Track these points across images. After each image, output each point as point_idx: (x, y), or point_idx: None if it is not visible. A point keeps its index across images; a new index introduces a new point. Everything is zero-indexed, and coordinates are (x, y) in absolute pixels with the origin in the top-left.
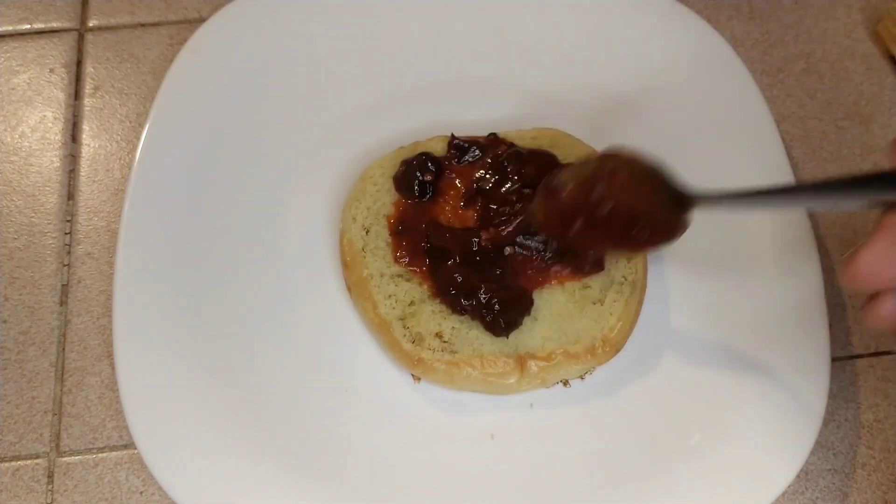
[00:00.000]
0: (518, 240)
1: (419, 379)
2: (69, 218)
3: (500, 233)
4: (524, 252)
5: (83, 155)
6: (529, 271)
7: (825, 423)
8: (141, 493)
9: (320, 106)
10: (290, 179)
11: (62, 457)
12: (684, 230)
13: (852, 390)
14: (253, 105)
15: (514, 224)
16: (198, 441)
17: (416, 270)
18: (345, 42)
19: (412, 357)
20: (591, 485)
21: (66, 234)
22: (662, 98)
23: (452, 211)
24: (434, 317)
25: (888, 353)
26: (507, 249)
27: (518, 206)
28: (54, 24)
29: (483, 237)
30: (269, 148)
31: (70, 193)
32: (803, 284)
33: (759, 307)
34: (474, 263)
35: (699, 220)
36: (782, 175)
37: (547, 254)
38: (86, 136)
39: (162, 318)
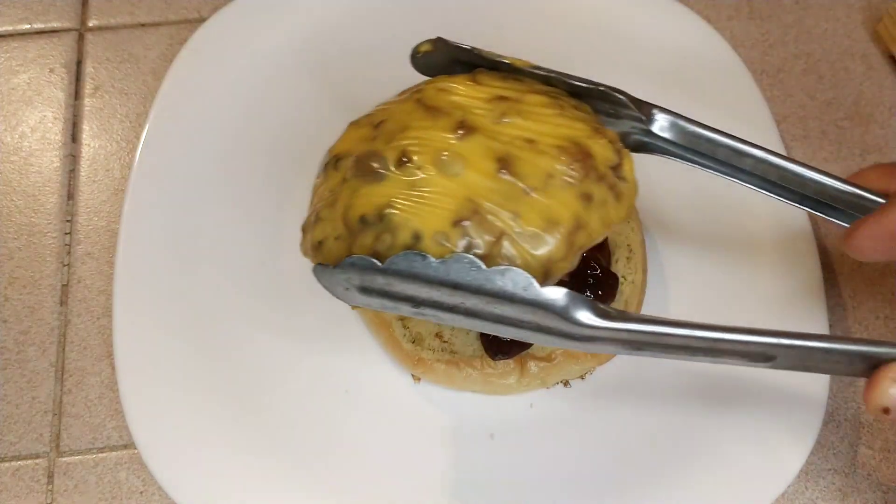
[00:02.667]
0: None
1: (419, 379)
2: (69, 218)
3: None
4: None
5: (83, 155)
6: None
7: (825, 423)
8: (141, 493)
9: (321, 105)
10: (290, 179)
11: (62, 457)
12: None
13: (852, 390)
14: (253, 105)
15: None
16: (198, 441)
17: None
18: (346, 42)
19: (412, 357)
20: (591, 485)
21: (66, 234)
22: (662, 98)
23: None
24: None
25: None
26: None
27: None
28: (54, 24)
29: None
30: (269, 147)
31: (70, 193)
32: (803, 284)
33: (760, 308)
34: None
35: (699, 221)
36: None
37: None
38: (86, 136)
39: (162, 319)
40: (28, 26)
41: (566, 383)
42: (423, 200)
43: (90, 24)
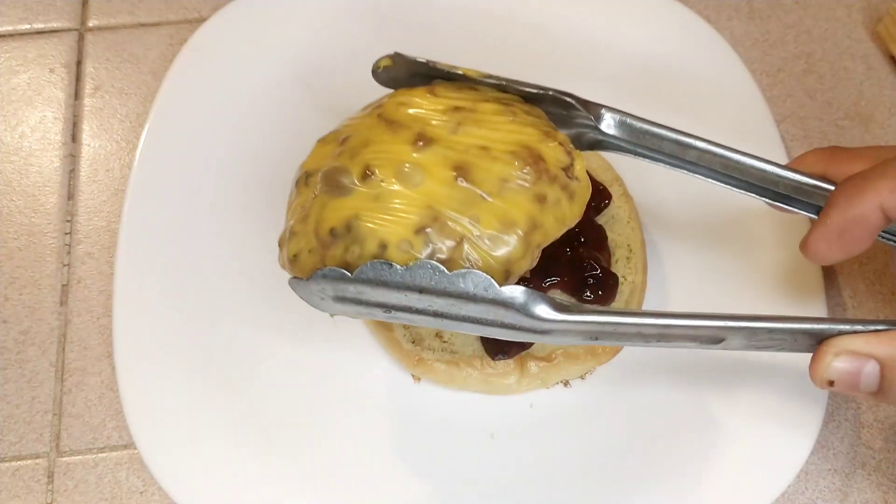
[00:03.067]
0: None
1: (419, 379)
2: (69, 218)
3: None
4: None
5: (83, 155)
6: None
7: (825, 423)
8: (141, 493)
9: (321, 105)
10: (290, 180)
11: (62, 457)
12: None
13: None
14: (253, 105)
15: None
16: (198, 441)
17: None
18: (346, 42)
19: (412, 357)
20: (591, 485)
21: (66, 234)
22: (661, 98)
23: None
24: None
25: None
26: None
27: None
28: (54, 24)
29: None
30: (269, 148)
31: (70, 193)
32: (803, 285)
33: (760, 308)
34: None
35: (699, 222)
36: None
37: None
38: (86, 136)
39: (162, 319)
40: (28, 26)
41: (566, 383)
42: (387, 211)
43: (90, 24)
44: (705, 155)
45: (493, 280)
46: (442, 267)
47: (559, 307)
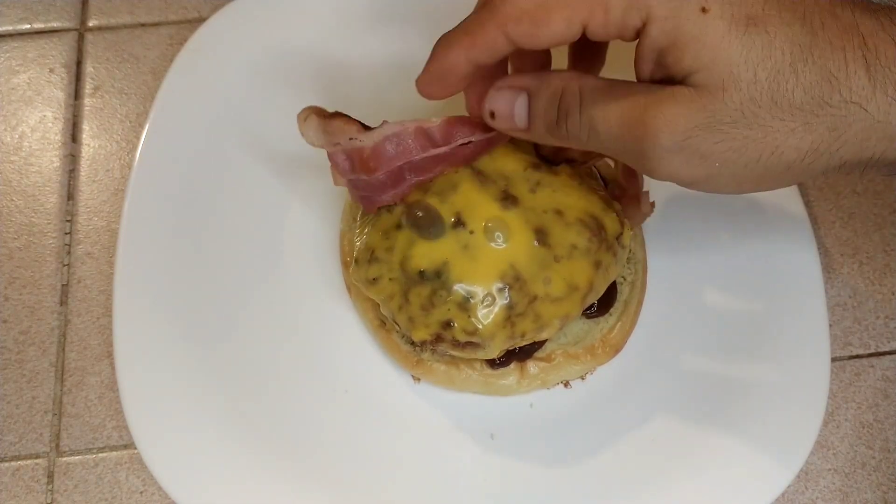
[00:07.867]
0: None
1: (419, 379)
2: (69, 218)
3: None
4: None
5: (83, 155)
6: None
7: (825, 423)
8: (141, 493)
9: (321, 105)
10: (290, 180)
11: (62, 457)
12: None
13: (852, 390)
14: (253, 105)
15: None
16: (198, 441)
17: None
18: (346, 42)
19: (412, 358)
20: (591, 485)
21: (66, 234)
22: None
23: None
24: None
25: (888, 353)
26: None
27: None
28: (54, 24)
29: None
30: (269, 148)
31: (70, 193)
32: (803, 284)
33: (760, 307)
34: None
35: (699, 222)
36: None
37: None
38: (86, 136)
39: (162, 318)
40: (28, 26)
41: (566, 384)
42: (475, 264)
43: (90, 24)
44: None
45: None
46: None
47: None
